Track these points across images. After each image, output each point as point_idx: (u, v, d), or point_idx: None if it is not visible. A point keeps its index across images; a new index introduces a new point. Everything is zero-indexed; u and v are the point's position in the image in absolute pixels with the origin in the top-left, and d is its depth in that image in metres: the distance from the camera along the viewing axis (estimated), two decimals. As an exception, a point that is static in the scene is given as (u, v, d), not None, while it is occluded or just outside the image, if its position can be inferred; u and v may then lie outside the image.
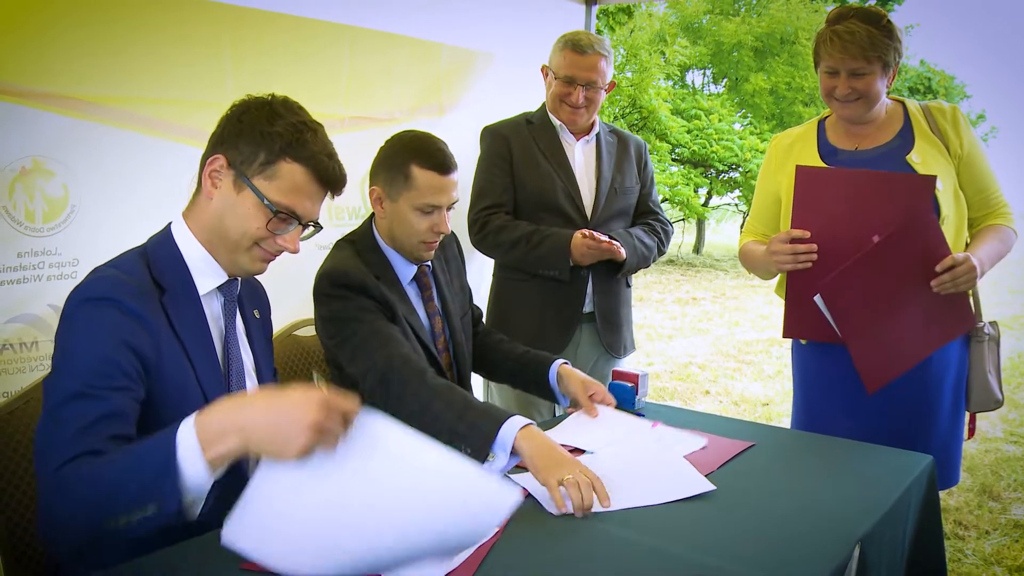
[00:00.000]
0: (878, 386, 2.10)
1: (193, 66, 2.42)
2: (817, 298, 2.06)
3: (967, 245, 2.19)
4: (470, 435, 1.66)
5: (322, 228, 1.57)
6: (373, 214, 2.10)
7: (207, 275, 1.52)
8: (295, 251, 1.53)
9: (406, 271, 2.06)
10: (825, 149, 2.26)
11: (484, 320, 2.58)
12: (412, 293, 2.07)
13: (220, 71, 2.49)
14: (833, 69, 2.11)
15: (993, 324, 2.24)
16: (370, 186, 2.04)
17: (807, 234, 2.07)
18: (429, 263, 2.12)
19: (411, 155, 1.95)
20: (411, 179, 1.95)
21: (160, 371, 1.40)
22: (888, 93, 2.19)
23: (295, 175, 1.47)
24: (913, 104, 2.24)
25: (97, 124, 2.26)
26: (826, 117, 2.33)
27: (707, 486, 1.63)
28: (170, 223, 1.55)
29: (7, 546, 1.55)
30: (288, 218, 1.49)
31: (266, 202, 1.46)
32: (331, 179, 1.51)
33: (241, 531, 1.15)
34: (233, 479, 1.22)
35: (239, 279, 1.60)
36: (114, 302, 1.36)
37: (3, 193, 2.10)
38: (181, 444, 1.14)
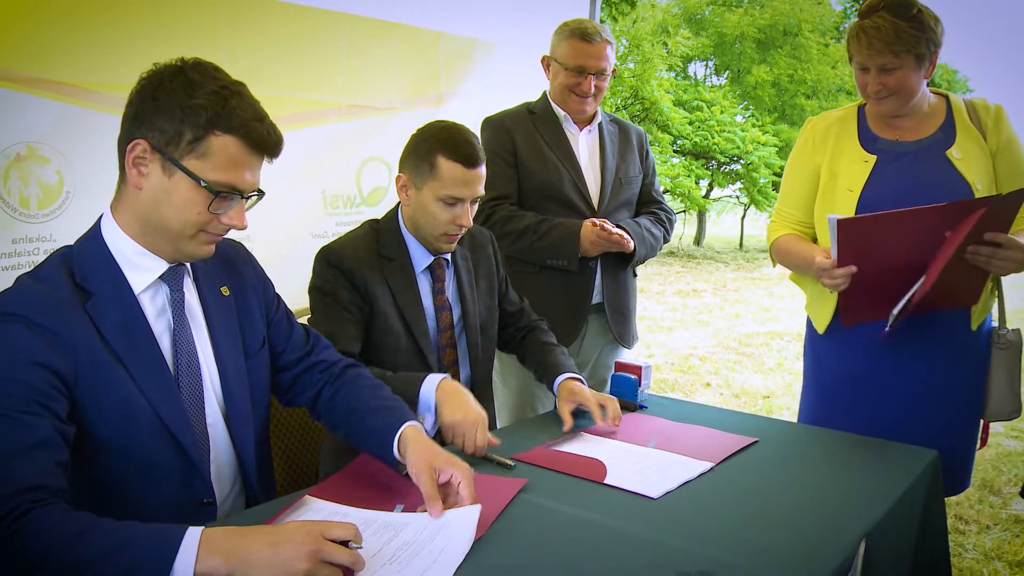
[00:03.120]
0: (852, 322, 2.08)
1: (191, 53, 2.37)
2: (831, 220, 1.89)
3: None
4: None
5: (264, 194, 1.44)
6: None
7: (142, 270, 1.41)
8: (243, 227, 1.41)
9: (422, 259, 2.05)
10: (866, 136, 2.19)
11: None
12: (424, 282, 2.06)
13: (217, 58, 2.43)
14: (863, 66, 2.05)
15: (1016, 331, 2.17)
16: (397, 173, 2.04)
17: (853, 269, 1.92)
18: (447, 259, 2.10)
19: (439, 145, 1.93)
20: (436, 169, 1.93)
21: (90, 383, 1.30)
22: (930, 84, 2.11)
23: (228, 148, 1.34)
24: (957, 99, 2.18)
25: (93, 110, 2.23)
26: (866, 103, 2.25)
27: (704, 466, 1.69)
28: (100, 217, 1.43)
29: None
30: (230, 195, 1.37)
31: (203, 183, 1.33)
32: (266, 144, 1.38)
33: None
34: None
35: (186, 264, 1.49)
36: (21, 318, 1.26)
37: (-2, 179, 2.08)
38: (183, 549, 1.09)
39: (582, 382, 2.07)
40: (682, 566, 1.28)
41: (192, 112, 1.32)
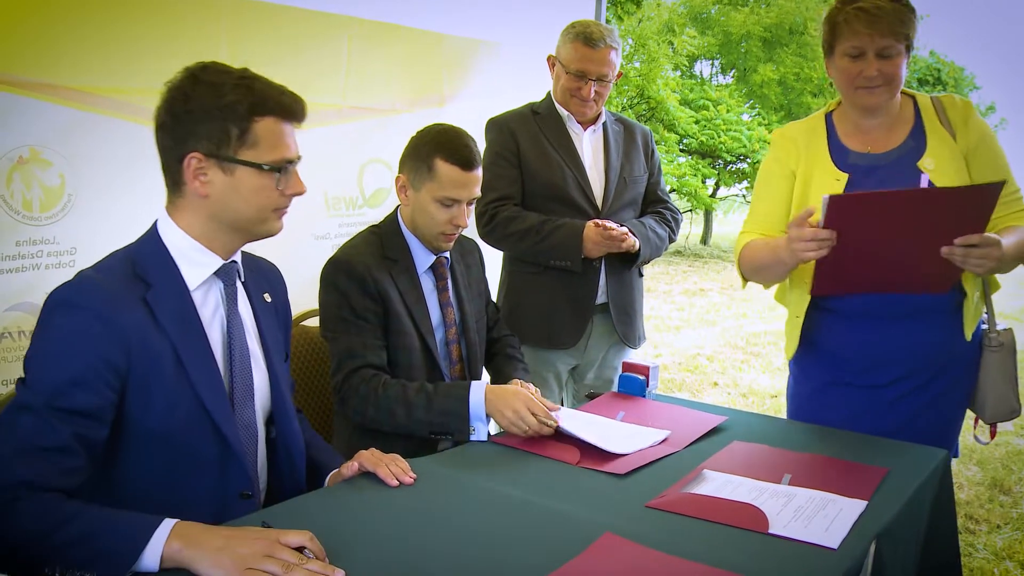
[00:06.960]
0: (822, 293, 2.05)
1: (190, 56, 2.36)
2: (825, 197, 1.81)
3: None
4: (447, 422, 1.86)
5: (301, 157, 1.53)
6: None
7: (198, 265, 1.47)
8: (304, 191, 1.51)
9: (424, 259, 2.11)
10: (837, 149, 2.09)
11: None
12: (427, 282, 2.12)
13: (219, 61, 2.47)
14: (859, 50, 1.93)
15: (1007, 331, 2.09)
16: (397, 173, 2.09)
17: (833, 234, 1.82)
18: (448, 257, 2.16)
19: (436, 148, 1.99)
20: (434, 172, 1.99)
21: (142, 371, 1.36)
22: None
23: (270, 127, 1.43)
24: (924, 98, 2.09)
25: (94, 114, 2.25)
26: (832, 111, 2.15)
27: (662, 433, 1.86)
28: (156, 221, 1.50)
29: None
30: (286, 168, 1.47)
31: (266, 167, 1.43)
32: (295, 111, 1.48)
33: None
34: None
35: (238, 261, 1.55)
36: (86, 309, 1.32)
37: (1, 182, 2.09)
38: (155, 537, 1.19)
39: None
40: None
41: (229, 109, 1.40)
